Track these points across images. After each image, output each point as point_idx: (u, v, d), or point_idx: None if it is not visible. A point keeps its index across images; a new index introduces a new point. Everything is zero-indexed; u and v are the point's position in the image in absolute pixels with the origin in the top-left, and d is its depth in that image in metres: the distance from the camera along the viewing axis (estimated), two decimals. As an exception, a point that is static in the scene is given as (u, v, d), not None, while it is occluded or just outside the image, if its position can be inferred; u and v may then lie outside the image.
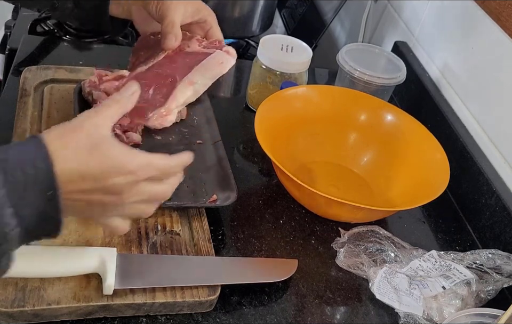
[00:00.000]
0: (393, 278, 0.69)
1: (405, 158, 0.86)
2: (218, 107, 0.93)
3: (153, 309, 0.60)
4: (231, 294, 0.65)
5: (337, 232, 0.77)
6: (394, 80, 0.98)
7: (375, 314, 0.68)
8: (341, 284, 0.71)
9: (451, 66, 0.99)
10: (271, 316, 0.65)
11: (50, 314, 0.57)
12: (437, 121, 0.94)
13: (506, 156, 0.83)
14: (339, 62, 1.00)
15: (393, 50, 1.12)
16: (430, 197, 0.73)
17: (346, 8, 1.35)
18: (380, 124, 0.90)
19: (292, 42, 0.97)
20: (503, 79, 0.85)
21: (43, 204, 0.46)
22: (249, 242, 0.73)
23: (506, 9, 0.83)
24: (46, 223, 0.47)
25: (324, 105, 0.90)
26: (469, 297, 0.68)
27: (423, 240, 0.81)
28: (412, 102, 1.05)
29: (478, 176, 0.84)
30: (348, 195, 0.79)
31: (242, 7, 1.22)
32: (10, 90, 0.87)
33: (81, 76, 0.85)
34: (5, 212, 0.43)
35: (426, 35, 1.08)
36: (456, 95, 0.97)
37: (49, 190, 0.46)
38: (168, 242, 0.67)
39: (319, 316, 0.66)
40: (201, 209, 0.72)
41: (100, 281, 0.59)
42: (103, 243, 0.64)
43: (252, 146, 0.91)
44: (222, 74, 0.68)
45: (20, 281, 0.57)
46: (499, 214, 0.79)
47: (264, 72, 0.95)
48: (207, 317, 0.62)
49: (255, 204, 0.80)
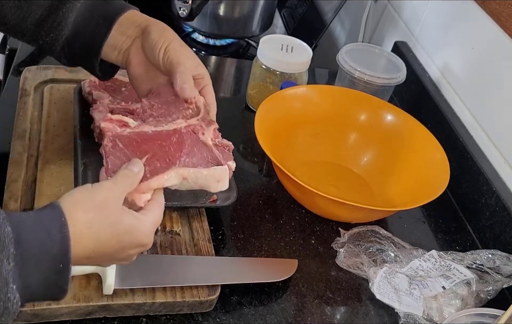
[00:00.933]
0: (393, 278, 0.69)
1: (405, 158, 0.86)
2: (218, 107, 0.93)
3: (153, 309, 0.60)
4: (231, 294, 0.65)
5: (337, 232, 0.77)
6: (394, 80, 0.98)
7: (375, 314, 0.68)
8: (341, 284, 0.71)
9: (451, 66, 0.99)
10: (271, 316, 0.65)
11: (50, 314, 0.57)
12: (437, 121, 0.94)
13: (506, 156, 0.83)
14: (339, 62, 1.00)
15: (393, 50, 1.12)
16: (430, 197, 0.73)
17: (346, 8, 1.35)
18: (380, 124, 0.90)
19: (292, 42, 0.97)
20: (503, 79, 0.85)
21: (52, 275, 0.46)
22: (249, 242, 0.73)
23: (506, 9, 0.83)
24: (52, 290, 0.48)
25: (324, 105, 0.90)
26: (469, 297, 0.68)
27: (423, 240, 0.81)
28: (412, 102, 1.05)
29: (478, 176, 0.84)
30: (348, 195, 0.79)
31: (242, 7, 1.22)
32: (10, 90, 0.87)
33: (81, 76, 0.85)
34: (8, 289, 0.44)
35: (426, 35, 1.08)
36: (456, 95, 0.97)
37: (60, 264, 0.46)
38: (168, 242, 0.67)
39: (319, 316, 0.66)
40: (201, 209, 0.72)
41: (100, 281, 0.59)
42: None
43: (252, 146, 0.91)
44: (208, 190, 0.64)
45: (19, 281, 0.57)
46: (499, 214, 0.79)
47: (264, 72, 0.95)
48: (207, 317, 0.62)
49: (255, 204, 0.80)
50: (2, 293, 0.43)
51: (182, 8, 1.08)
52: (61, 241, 0.46)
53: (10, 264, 0.43)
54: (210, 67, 1.14)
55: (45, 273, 0.46)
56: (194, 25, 1.23)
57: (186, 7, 1.08)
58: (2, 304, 0.43)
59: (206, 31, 1.24)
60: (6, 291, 0.43)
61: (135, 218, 0.53)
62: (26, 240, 0.45)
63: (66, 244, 0.46)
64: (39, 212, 0.47)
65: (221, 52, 1.28)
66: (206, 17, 1.20)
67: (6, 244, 0.43)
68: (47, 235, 0.46)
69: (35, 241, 0.45)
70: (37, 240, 0.45)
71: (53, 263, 0.46)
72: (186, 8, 1.08)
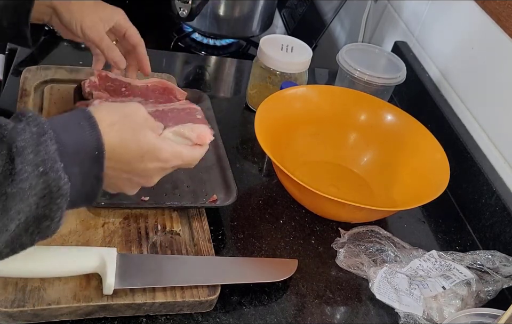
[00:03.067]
0: (393, 278, 0.69)
1: (405, 158, 0.86)
2: (218, 107, 0.93)
3: (153, 309, 0.60)
4: (231, 294, 0.65)
5: (337, 232, 0.77)
6: (394, 80, 0.98)
7: (375, 314, 0.68)
8: (341, 284, 0.71)
9: (451, 66, 0.99)
10: (271, 316, 0.65)
11: (50, 314, 0.57)
12: (437, 121, 0.94)
13: (506, 156, 0.83)
14: (339, 62, 1.00)
15: (393, 50, 1.12)
16: (430, 197, 0.73)
17: (346, 8, 1.35)
18: (380, 124, 0.90)
19: (292, 42, 0.97)
20: (503, 79, 0.85)
21: (88, 167, 0.49)
22: (249, 242, 0.73)
23: (506, 9, 0.83)
24: (90, 182, 0.50)
25: (324, 105, 0.90)
26: (469, 297, 0.68)
27: (423, 240, 0.81)
28: (412, 102, 1.05)
29: (478, 176, 0.84)
30: (348, 195, 0.79)
31: (242, 7, 1.22)
32: (10, 90, 0.87)
33: (81, 76, 0.85)
34: (58, 166, 0.45)
35: (426, 35, 1.08)
36: (456, 95, 0.97)
37: (95, 151, 0.49)
38: (168, 242, 0.67)
39: (319, 316, 0.66)
40: (201, 209, 0.72)
41: (100, 281, 0.59)
42: (103, 243, 0.64)
43: (252, 146, 0.91)
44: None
45: (19, 281, 0.57)
46: (499, 214, 0.79)
47: (264, 72, 0.95)
48: (207, 317, 0.62)
49: (255, 204, 0.80)
50: (54, 171, 0.45)
51: (182, 8, 1.08)
52: (90, 128, 0.49)
53: (54, 145, 0.45)
54: (210, 67, 1.14)
55: (82, 163, 0.48)
56: (194, 25, 1.23)
57: (186, 7, 1.08)
58: (56, 183, 0.45)
59: (206, 31, 1.24)
60: (56, 168, 0.45)
61: (158, 136, 0.57)
62: (60, 132, 0.47)
63: (97, 131, 0.49)
64: (66, 114, 0.51)
65: (221, 52, 1.28)
66: (206, 17, 1.20)
67: (45, 128, 0.45)
68: (78, 126, 0.49)
69: (68, 132, 0.48)
70: (70, 131, 0.48)
71: (88, 152, 0.49)
72: (186, 8, 1.08)
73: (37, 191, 0.44)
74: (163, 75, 0.93)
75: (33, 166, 0.43)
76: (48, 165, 0.44)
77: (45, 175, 0.44)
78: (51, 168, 0.44)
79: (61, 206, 0.46)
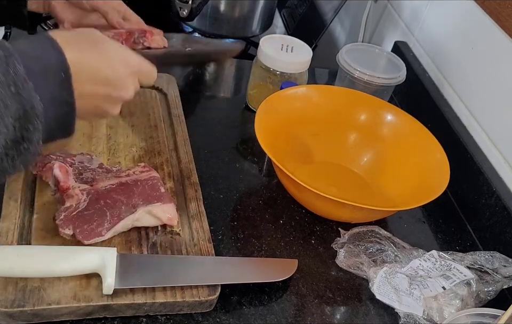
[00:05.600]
0: (393, 278, 0.69)
1: (405, 158, 0.86)
2: (218, 107, 0.93)
3: (153, 309, 0.60)
4: (231, 294, 0.65)
5: (337, 232, 0.77)
6: (394, 80, 0.98)
7: (375, 314, 0.68)
8: (341, 284, 0.71)
9: (451, 66, 0.99)
10: (271, 316, 0.65)
11: (50, 314, 0.57)
12: (437, 121, 0.94)
13: (506, 156, 0.83)
14: (339, 62, 1.00)
15: (393, 50, 1.12)
16: (430, 197, 0.73)
17: (346, 8, 1.35)
18: (380, 124, 0.89)
19: (292, 42, 0.97)
20: (503, 79, 0.85)
21: (58, 89, 0.49)
22: (249, 242, 0.73)
23: (506, 9, 0.83)
24: (63, 109, 0.50)
25: (324, 105, 0.90)
26: (469, 297, 0.68)
27: (423, 240, 0.81)
28: (412, 102, 1.05)
29: (478, 176, 0.84)
30: (348, 195, 0.79)
31: (242, 7, 1.22)
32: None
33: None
34: (29, 86, 0.46)
35: (426, 35, 1.08)
36: (456, 95, 0.97)
37: (61, 71, 0.50)
38: (168, 242, 0.67)
39: (319, 316, 0.66)
40: (201, 209, 0.72)
41: (100, 281, 0.59)
42: (103, 243, 0.64)
43: (252, 146, 0.91)
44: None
45: (19, 281, 0.57)
46: (499, 214, 0.78)
47: (264, 72, 0.95)
48: (207, 317, 0.62)
49: (255, 204, 0.80)
50: (25, 90, 0.45)
51: (182, 8, 1.08)
52: (52, 47, 0.50)
53: (21, 65, 0.46)
54: (210, 67, 1.14)
55: (51, 87, 0.49)
56: (194, 25, 1.23)
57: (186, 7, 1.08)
58: (29, 102, 0.46)
59: (206, 31, 1.24)
60: (28, 88, 0.46)
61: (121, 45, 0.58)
62: (24, 53, 0.47)
63: (61, 53, 0.50)
64: (26, 39, 0.51)
65: (221, 52, 1.28)
66: (206, 17, 1.20)
67: (11, 51, 0.46)
68: (40, 47, 0.49)
69: (32, 52, 0.49)
70: (34, 51, 0.49)
71: (54, 75, 0.49)
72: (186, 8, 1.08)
73: (12, 112, 0.45)
74: (163, 75, 0.93)
75: (4, 87, 0.44)
76: (19, 86, 0.45)
77: (18, 95, 0.45)
78: (23, 88, 0.45)
79: (37, 127, 0.47)
